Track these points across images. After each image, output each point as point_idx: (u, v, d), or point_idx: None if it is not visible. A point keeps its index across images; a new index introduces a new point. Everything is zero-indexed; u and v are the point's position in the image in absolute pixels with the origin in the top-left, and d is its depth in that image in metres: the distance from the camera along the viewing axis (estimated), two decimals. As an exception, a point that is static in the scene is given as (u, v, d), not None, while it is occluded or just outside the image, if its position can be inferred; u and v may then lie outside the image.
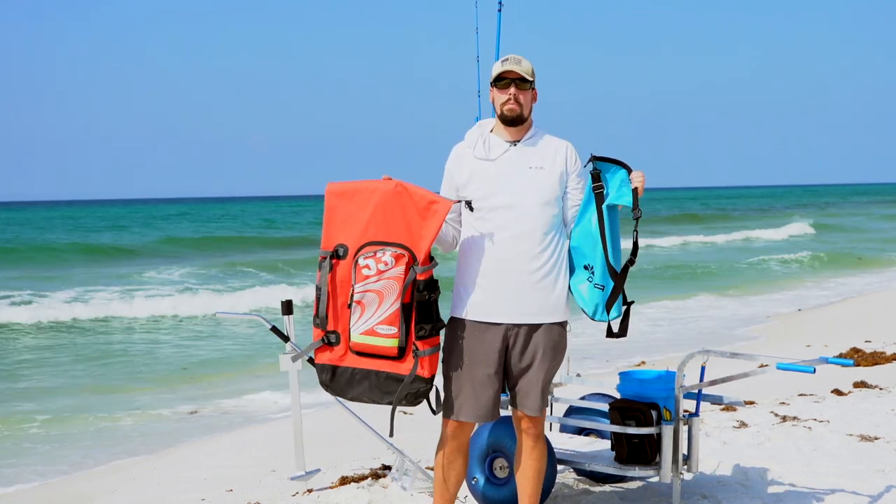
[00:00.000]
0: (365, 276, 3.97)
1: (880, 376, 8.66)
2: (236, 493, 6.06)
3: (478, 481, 4.78)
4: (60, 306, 17.66)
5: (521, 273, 4.05)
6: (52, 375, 11.59)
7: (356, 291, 3.97)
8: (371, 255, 3.99)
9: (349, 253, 4.05)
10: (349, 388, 4.09)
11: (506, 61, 4.11)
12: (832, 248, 30.34)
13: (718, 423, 6.70)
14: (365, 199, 4.08)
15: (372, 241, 4.04)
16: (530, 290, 4.06)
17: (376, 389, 4.05)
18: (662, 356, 10.85)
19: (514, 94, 4.08)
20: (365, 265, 3.98)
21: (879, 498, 4.98)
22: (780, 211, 65.77)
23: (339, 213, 4.11)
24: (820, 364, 4.66)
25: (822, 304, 16.42)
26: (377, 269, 3.97)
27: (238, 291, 20.03)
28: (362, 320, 3.97)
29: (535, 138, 4.17)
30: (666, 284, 21.01)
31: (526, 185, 4.07)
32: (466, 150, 4.19)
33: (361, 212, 4.08)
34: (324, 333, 4.09)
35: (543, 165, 4.11)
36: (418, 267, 3.97)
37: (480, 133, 4.20)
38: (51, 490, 7.08)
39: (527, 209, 4.05)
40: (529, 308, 4.06)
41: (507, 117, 4.11)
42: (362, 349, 4.02)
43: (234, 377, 11.08)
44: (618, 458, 4.68)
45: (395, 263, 3.96)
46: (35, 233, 45.44)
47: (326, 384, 4.14)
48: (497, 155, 4.13)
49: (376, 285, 3.96)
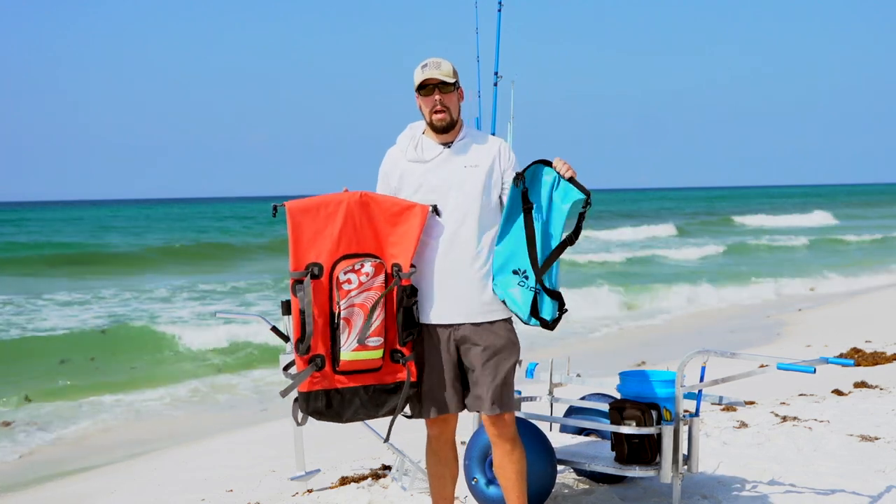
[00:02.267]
0: (347, 291, 3.88)
1: (880, 376, 8.66)
2: (236, 493, 6.06)
3: (478, 481, 4.78)
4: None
5: (462, 273, 4.03)
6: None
7: (342, 309, 3.88)
8: (350, 269, 3.89)
9: (324, 271, 3.92)
10: (344, 411, 3.99)
11: (425, 66, 4.05)
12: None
13: (718, 423, 6.69)
14: (331, 212, 3.95)
15: (347, 254, 3.94)
16: (472, 289, 4.04)
17: (369, 405, 3.99)
18: (662, 356, 10.85)
19: (438, 99, 4.04)
20: (346, 280, 3.88)
21: (879, 498, 4.98)
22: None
23: (305, 230, 3.93)
24: (820, 364, 4.66)
25: (823, 304, 16.42)
26: (359, 282, 3.89)
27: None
28: (352, 337, 3.89)
29: (468, 139, 4.13)
30: (664, 285, 21.02)
31: (463, 185, 4.05)
32: (399, 154, 4.16)
33: (329, 226, 3.94)
34: (309, 359, 3.92)
35: (478, 164, 4.08)
36: (403, 273, 3.94)
37: (412, 136, 4.17)
38: (50, 490, 7.08)
39: (464, 209, 4.04)
40: (472, 307, 4.05)
41: (438, 127, 4.07)
42: (351, 367, 3.93)
43: (234, 377, 11.09)
44: (618, 458, 4.67)
45: (376, 273, 3.91)
46: (125, 234, 44.63)
47: (321, 412, 3.97)
48: (431, 157, 4.10)
49: (359, 298, 3.88)
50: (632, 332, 14.15)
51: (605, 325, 14.92)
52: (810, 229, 43.15)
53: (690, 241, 37.21)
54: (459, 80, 4.12)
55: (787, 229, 44.54)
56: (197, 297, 20.23)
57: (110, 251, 33.72)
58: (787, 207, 68.35)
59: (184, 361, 12.31)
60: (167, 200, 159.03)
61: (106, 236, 42.95)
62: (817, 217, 53.84)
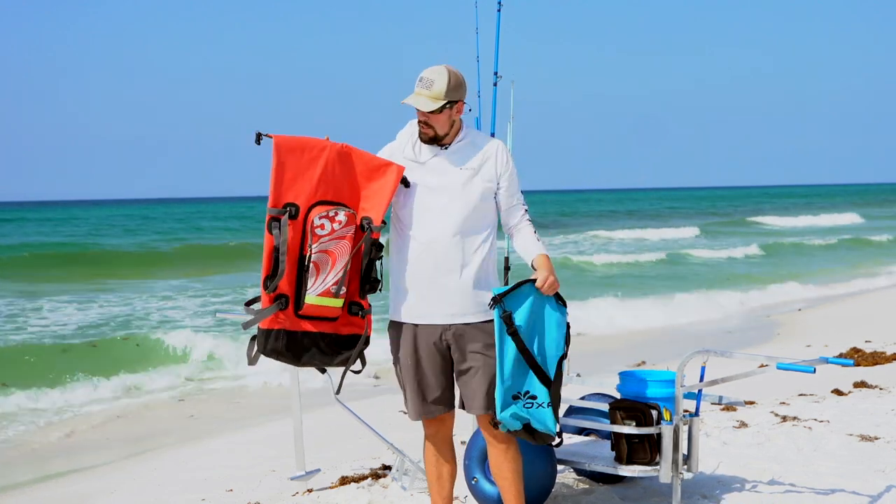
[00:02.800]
0: (319, 237, 3.89)
1: (880, 376, 8.66)
2: (236, 493, 6.06)
3: (478, 481, 4.78)
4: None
5: (453, 273, 4.02)
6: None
7: (313, 252, 3.89)
8: (325, 215, 3.91)
9: (300, 212, 3.92)
10: (301, 354, 3.99)
11: (420, 81, 3.99)
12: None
13: (718, 423, 6.69)
14: (314, 156, 3.97)
15: (323, 199, 3.95)
16: (463, 290, 4.03)
17: (325, 354, 4.01)
18: (662, 356, 10.84)
19: (423, 120, 4.03)
20: (320, 225, 3.90)
21: (879, 498, 4.98)
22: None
23: (288, 168, 3.93)
24: (820, 364, 4.65)
25: (823, 304, 16.42)
26: (331, 229, 3.91)
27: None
28: (319, 282, 3.90)
29: (466, 140, 4.11)
30: (665, 285, 21.02)
31: (456, 188, 4.03)
32: (396, 151, 4.15)
33: (310, 169, 3.95)
34: (274, 297, 3.91)
35: (474, 167, 4.07)
36: (374, 226, 3.98)
37: (411, 134, 4.15)
38: (50, 490, 7.08)
39: (457, 212, 4.02)
40: (463, 308, 4.04)
41: (423, 138, 4.07)
42: (312, 312, 3.94)
43: (234, 376, 11.09)
44: (618, 458, 4.68)
45: (347, 223, 3.94)
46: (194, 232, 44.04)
47: (280, 351, 3.95)
48: (426, 158, 4.08)
49: (329, 245, 3.90)
50: (632, 332, 14.14)
51: (605, 324, 14.92)
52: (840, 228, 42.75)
53: (716, 241, 36.92)
54: (461, 92, 4.02)
55: (808, 229, 44.08)
56: (198, 297, 20.25)
57: (111, 250, 33.73)
58: (799, 207, 68.20)
59: (184, 361, 12.30)
60: (167, 200, 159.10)
61: (106, 236, 42.94)
62: (848, 217, 53.17)
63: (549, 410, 4.03)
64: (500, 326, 3.93)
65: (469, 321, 4.05)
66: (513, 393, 3.98)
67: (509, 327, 3.93)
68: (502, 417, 3.98)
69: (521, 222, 4.17)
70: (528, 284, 3.96)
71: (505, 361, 3.95)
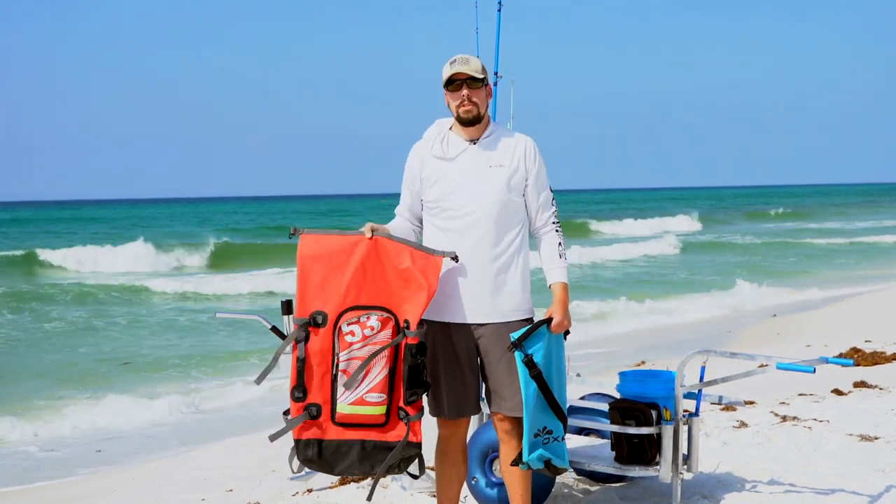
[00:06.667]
0: (349, 344, 3.81)
1: (880, 376, 8.65)
2: (236, 493, 6.06)
3: (478, 481, 4.78)
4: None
5: (485, 272, 4.02)
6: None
7: (340, 360, 3.82)
8: (355, 320, 3.83)
9: (329, 320, 3.85)
10: (337, 463, 3.90)
11: (454, 62, 4.04)
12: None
13: (718, 423, 6.69)
14: (342, 261, 3.87)
15: (354, 305, 3.85)
16: (494, 288, 4.03)
17: (365, 461, 3.89)
18: (662, 356, 10.84)
19: (467, 94, 4.03)
20: (349, 332, 3.82)
21: (879, 498, 4.98)
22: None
23: (314, 276, 3.87)
24: (820, 364, 4.65)
25: (823, 304, 16.41)
26: (362, 335, 3.81)
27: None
28: (351, 390, 3.81)
29: (495, 136, 4.12)
30: (664, 285, 21.01)
31: (486, 185, 4.03)
32: (425, 150, 4.15)
33: (339, 275, 3.86)
34: (304, 407, 3.88)
35: (503, 163, 4.07)
36: (409, 331, 3.84)
37: (439, 132, 4.15)
38: (50, 490, 7.08)
39: (487, 208, 4.02)
40: (494, 307, 4.04)
41: (465, 119, 4.05)
42: (349, 420, 3.85)
43: (234, 376, 11.08)
44: (618, 458, 4.68)
45: (382, 328, 3.83)
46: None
47: (312, 460, 3.91)
48: (455, 154, 4.08)
49: (361, 352, 3.81)
50: (632, 332, 14.13)
51: (605, 324, 14.91)
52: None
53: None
54: (488, 77, 4.12)
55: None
56: (196, 296, 20.25)
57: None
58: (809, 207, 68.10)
59: (183, 361, 12.29)
60: (168, 200, 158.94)
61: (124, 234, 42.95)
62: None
63: (563, 444, 4.08)
64: (523, 371, 3.92)
65: (498, 321, 4.05)
66: (534, 432, 4.00)
67: (532, 370, 3.92)
68: (530, 460, 4.00)
69: (546, 226, 4.17)
70: (544, 326, 3.97)
71: (529, 403, 3.94)
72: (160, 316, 17.20)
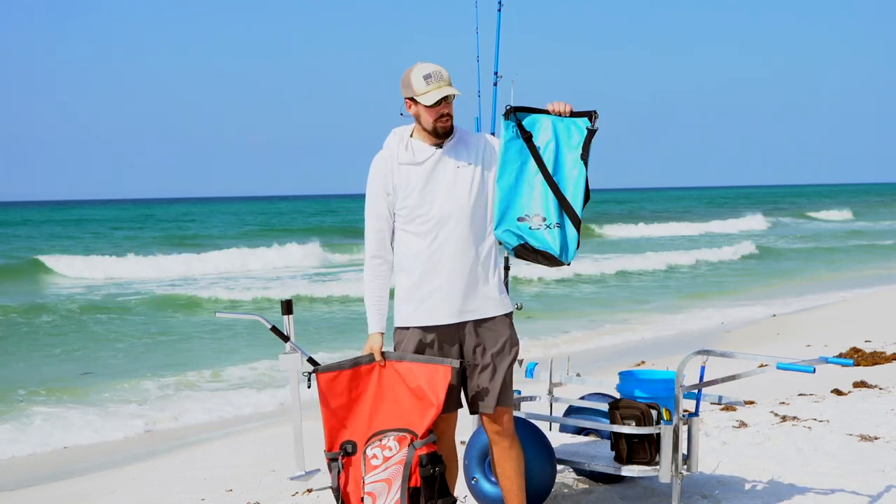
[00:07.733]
0: (374, 467, 3.98)
1: (880, 376, 8.65)
2: (236, 493, 6.06)
3: (477, 481, 4.78)
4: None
5: (463, 272, 4.03)
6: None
7: (367, 483, 3.98)
8: (377, 443, 4.02)
9: (358, 448, 4.08)
10: None
11: (429, 78, 3.95)
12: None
13: (718, 423, 6.69)
14: (361, 391, 4.10)
15: (378, 430, 4.06)
16: (471, 287, 4.05)
17: None
18: (662, 356, 10.84)
19: (448, 112, 4.03)
20: (373, 455, 4.01)
21: (879, 498, 4.98)
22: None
23: (337, 410, 4.10)
24: (820, 364, 4.65)
25: (822, 304, 16.41)
26: (383, 457, 3.99)
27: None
28: None
29: (458, 137, 4.13)
30: (664, 285, 21.02)
31: (457, 186, 4.04)
32: (391, 159, 4.11)
33: (360, 404, 4.10)
34: None
35: (471, 161, 4.09)
36: (417, 442, 3.98)
37: (400, 139, 4.12)
38: (51, 490, 7.08)
39: (460, 209, 4.03)
40: (472, 305, 4.06)
41: (442, 132, 4.04)
42: None
43: (233, 376, 11.09)
44: (618, 458, 4.68)
45: (399, 447, 3.99)
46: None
47: None
48: (423, 158, 4.07)
49: (384, 474, 3.97)
50: (632, 332, 14.13)
51: (605, 324, 14.92)
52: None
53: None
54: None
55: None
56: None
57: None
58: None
59: (183, 360, 12.31)
60: (167, 200, 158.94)
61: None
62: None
63: (556, 231, 4.04)
64: (514, 139, 4.04)
65: (478, 318, 4.07)
66: (518, 215, 4.04)
67: (529, 144, 4.03)
68: (497, 234, 4.06)
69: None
70: (537, 116, 4.07)
71: (514, 179, 4.04)
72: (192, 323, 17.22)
